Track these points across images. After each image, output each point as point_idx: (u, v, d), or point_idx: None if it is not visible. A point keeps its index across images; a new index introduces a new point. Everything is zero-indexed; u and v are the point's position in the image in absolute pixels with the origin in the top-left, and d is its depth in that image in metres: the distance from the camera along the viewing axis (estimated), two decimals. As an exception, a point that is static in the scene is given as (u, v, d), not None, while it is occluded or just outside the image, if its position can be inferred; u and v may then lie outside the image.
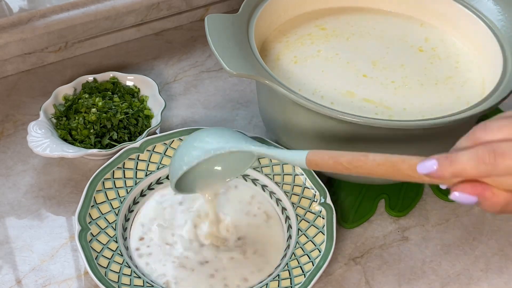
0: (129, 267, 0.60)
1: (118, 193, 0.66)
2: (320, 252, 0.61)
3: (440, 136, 0.65)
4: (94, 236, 0.61)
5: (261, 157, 0.61)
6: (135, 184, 0.67)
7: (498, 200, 0.43)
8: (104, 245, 0.61)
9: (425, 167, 0.43)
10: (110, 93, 0.77)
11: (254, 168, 0.69)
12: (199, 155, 0.56)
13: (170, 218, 0.65)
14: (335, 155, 0.50)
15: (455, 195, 0.44)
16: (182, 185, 0.60)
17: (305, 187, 0.67)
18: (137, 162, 0.68)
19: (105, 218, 0.63)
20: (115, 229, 0.63)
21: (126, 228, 0.64)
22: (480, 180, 0.43)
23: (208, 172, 0.62)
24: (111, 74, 0.80)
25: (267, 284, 0.59)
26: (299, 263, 0.61)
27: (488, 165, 0.41)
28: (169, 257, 0.62)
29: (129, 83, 0.80)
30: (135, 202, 0.67)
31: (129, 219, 0.65)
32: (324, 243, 0.61)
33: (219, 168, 0.62)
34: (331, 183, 0.71)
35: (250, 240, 0.64)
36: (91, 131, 0.72)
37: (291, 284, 0.59)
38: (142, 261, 0.62)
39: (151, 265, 0.61)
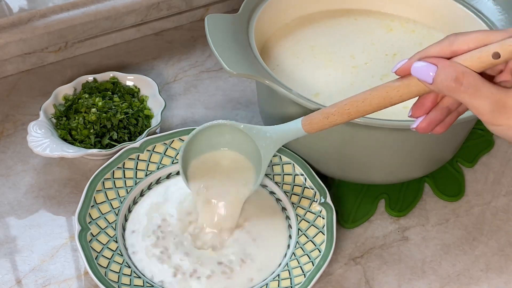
0: (129, 267, 0.60)
1: (118, 193, 0.66)
2: (320, 252, 0.61)
3: (440, 136, 0.65)
4: (94, 236, 0.61)
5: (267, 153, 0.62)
6: (135, 184, 0.67)
7: (455, 67, 0.43)
8: (104, 245, 0.61)
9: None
10: (110, 93, 0.77)
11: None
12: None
13: (167, 216, 0.65)
14: (326, 110, 0.54)
15: (415, 64, 0.45)
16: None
17: (305, 187, 0.67)
18: (137, 162, 0.68)
19: (105, 218, 0.63)
20: (115, 229, 0.63)
21: (126, 228, 0.64)
22: None
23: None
24: (111, 74, 0.80)
25: (267, 284, 0.59)
26: (299, 263, 0.61)
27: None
28: (166, 259, 0.62)
29: (129, 83, 0.80)
30: (135, 202, 0.67)
31: (129, 219, 0.65)
32: (324, 243, 0.61)
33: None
34: (331, 183, 0.71)
35: (252, 231, 0.64)
36: (91, 131, 0.72)
37: (291, 284, 0.59)
38: (136, 258, 0.62)
39: (146, 266, 0.61)
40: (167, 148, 0.69)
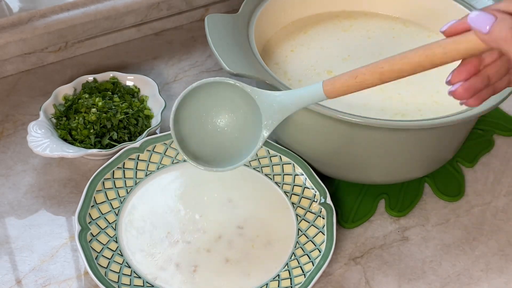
0: (129, 267, 0.60)
1: (118, 193, 0.66)
2: (320, 252, 0.61)
3: (440, 136, 0.65)
4: (94, 236, 0.61)
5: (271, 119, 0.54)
6: (135, 184, 0.67)
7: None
8: (104, 245, 0.61)
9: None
10: (110, 93, 0.77)
11: (254, 168, 0.69)
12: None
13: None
14: (355, 70, 0.48)
15: (472, 14, 0.42)
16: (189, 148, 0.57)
17: (305, 187, 0.67)
18: (137, 162, 0.68)
19: (105, 218, 0.63)
20: (115, 229, 0.63)
21: (126, 227, 0.64)
22: None
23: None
24: (111, 74, 0.79)
25: (267, 284, 0.59)
26: (299, 263, 0.61)
27: None
28: (165, 258, 0.62)
29: (129, 83, 0.80)
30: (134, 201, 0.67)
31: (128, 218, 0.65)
32: (324, 243, 0.61)
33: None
34: (331, 183, 0.71)
35: (257, 230, 0.64)
36: (91, 131, 0.72)
37: (291, 284, 0.59)
38: (135, 256, 0.62)
39: (144, 264, 0.61)
40: (167, 148, 0.69)
